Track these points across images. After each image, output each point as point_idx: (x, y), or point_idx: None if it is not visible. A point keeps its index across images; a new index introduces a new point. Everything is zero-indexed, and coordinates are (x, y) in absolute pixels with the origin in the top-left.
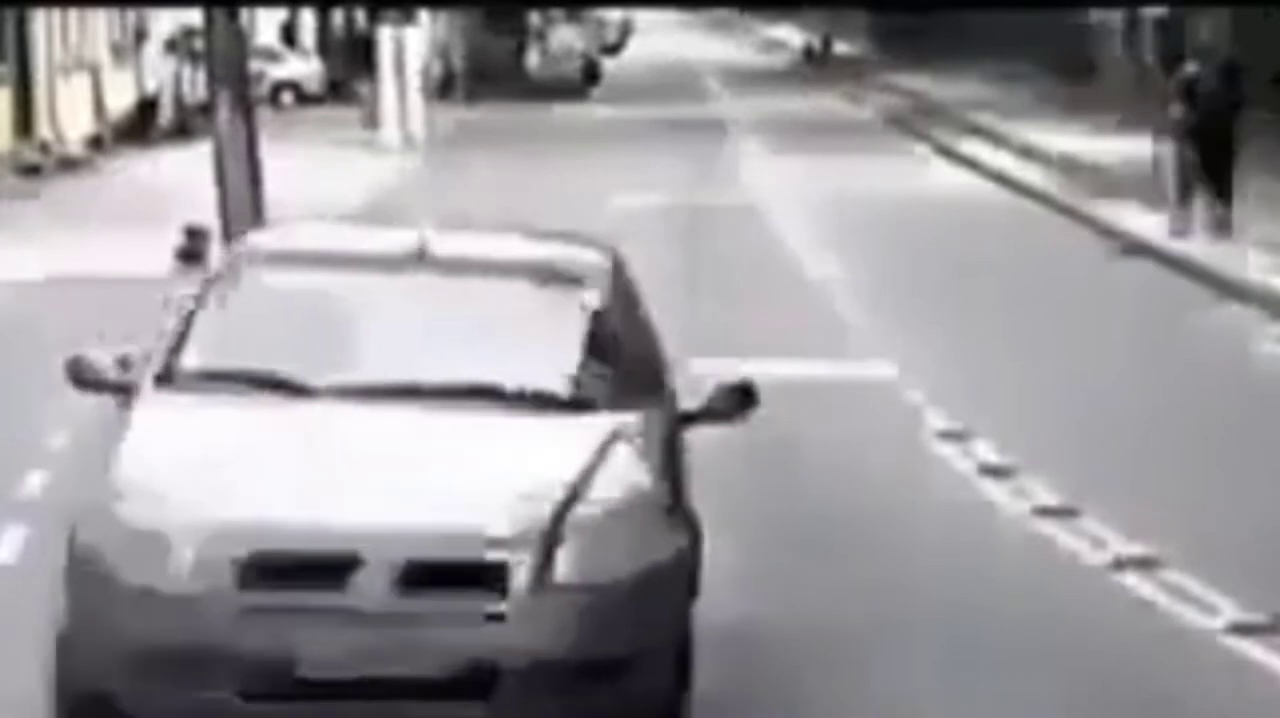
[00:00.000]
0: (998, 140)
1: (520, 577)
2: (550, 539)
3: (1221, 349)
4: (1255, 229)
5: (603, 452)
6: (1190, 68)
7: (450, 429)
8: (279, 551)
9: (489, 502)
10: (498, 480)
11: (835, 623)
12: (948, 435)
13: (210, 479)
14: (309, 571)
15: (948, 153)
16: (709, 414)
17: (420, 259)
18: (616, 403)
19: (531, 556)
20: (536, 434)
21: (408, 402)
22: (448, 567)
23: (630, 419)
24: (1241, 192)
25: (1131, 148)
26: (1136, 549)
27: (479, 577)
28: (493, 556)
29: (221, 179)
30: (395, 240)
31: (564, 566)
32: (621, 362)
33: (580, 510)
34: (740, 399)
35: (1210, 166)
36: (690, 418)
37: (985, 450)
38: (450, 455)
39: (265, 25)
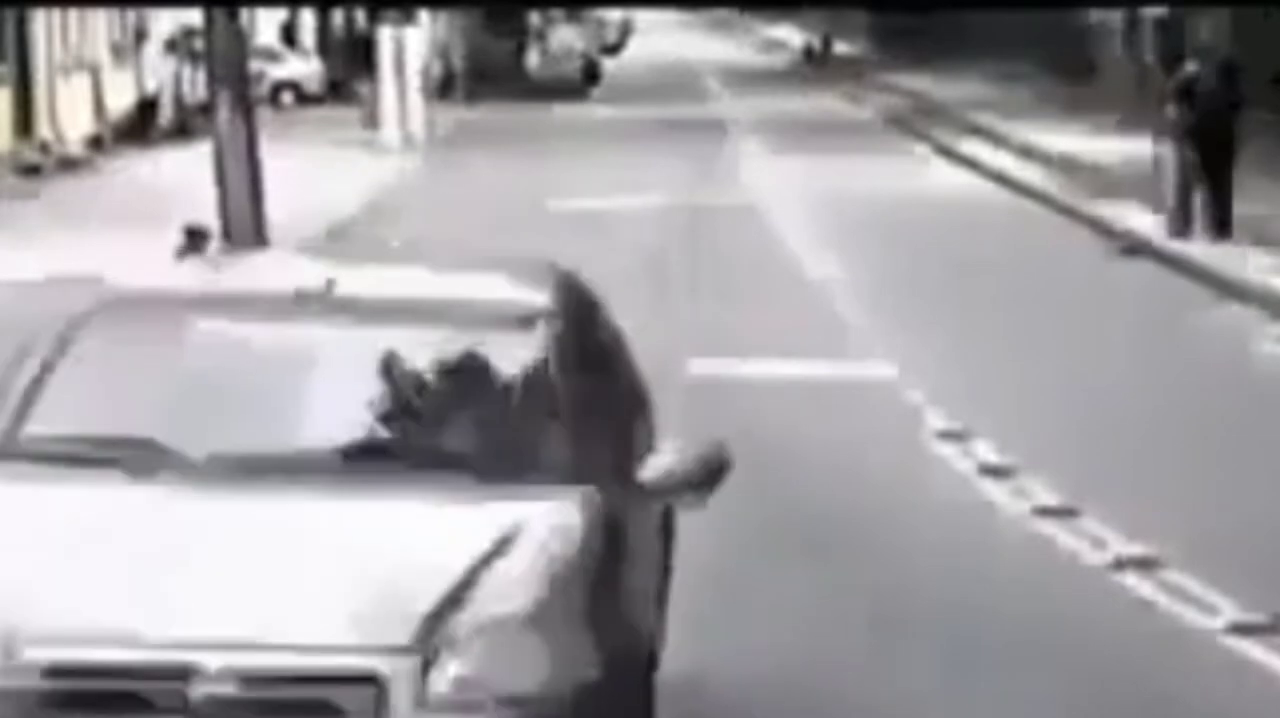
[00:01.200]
0: (998, 140)
1: (397, 696)
2: (426, 650)
3: (1221, 349)
4: (1255, 229)
5: (505, 543)
6: (1190, 67)
7: (321, 514)
8: (81, 667)
9: (349, 604)
10: (365, 577)
11: (834, 623)
12: (948, 435)
13: (19, 579)
14: (119, 695)
15: (948, 153)
16: (667, 491)
17: (317, 301)
18: (540, 479)
19: (405, 671)
20: (426, 520)
21: (280, 478)
22: (298, 686)
23: (553, 503)
24: (1241, 191)
25: (1131, 148)
26: (1136, 549)
27: (334, 698)
28: (353, 668)
29: (221, 179)
30: (292, 278)
31: (442, 683)
32: (557, 427)
33: (465, 616)
34: (709, 474)
35: (1210, 166)
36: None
37: (985, 450)
38: (316, 547)
39: (265, 25)
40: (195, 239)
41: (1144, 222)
